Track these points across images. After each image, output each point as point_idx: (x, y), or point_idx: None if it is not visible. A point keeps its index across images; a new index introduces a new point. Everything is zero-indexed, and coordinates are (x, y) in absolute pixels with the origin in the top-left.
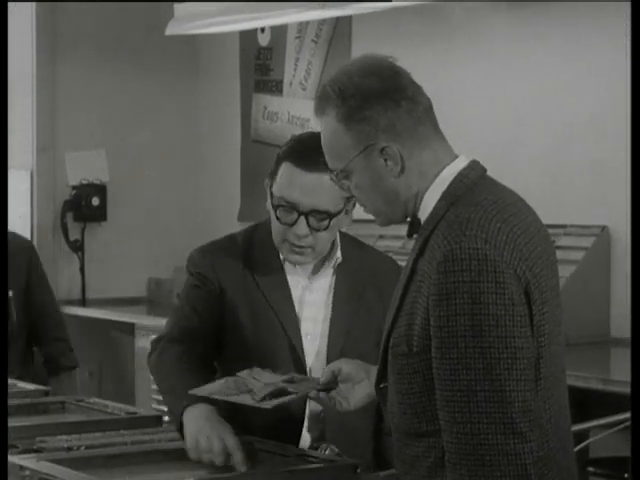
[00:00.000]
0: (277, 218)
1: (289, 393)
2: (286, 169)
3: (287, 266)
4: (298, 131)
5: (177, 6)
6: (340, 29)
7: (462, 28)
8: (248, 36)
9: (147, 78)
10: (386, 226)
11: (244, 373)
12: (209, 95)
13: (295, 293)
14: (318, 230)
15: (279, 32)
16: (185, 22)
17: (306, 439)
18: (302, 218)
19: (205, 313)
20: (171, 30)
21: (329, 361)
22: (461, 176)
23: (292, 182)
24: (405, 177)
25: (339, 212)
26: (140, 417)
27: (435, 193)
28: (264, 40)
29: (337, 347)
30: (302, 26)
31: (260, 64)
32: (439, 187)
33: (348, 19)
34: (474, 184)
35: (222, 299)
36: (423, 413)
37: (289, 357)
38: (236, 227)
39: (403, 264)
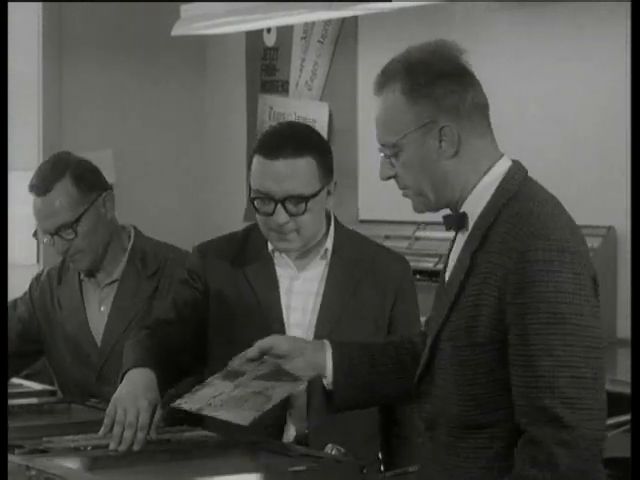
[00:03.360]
0: (256, 210)
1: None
2: (257, 161)
3: (276, 257)
4: None
5: (183, 7)
6: (346, 30)
7: (469, 28)
8: (254, 36)
9: (153, 79)
10: (421, 212)
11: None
12: (215, 96)
13: (283, 284)
14: (297, 215)
15: (285, 32)
16: (191, 23)
17: (290, 432)
18: (279, 206)
19: (186, 308)
20: (177, 31)
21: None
22: (512, 172)
23: (263, 172)
24: (456, 162)
25: (315, 194)
26: None
27: (488, 187)
28: (270, 40)
29: (323, 336)
30: (308, 27)
31: (266, 64)
32: (492, 182)
33: (354, 20)
34: (524, 182)
35: (206, 296)
36: (486, 404)
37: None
38: (242, 227)
39: (411, 264)
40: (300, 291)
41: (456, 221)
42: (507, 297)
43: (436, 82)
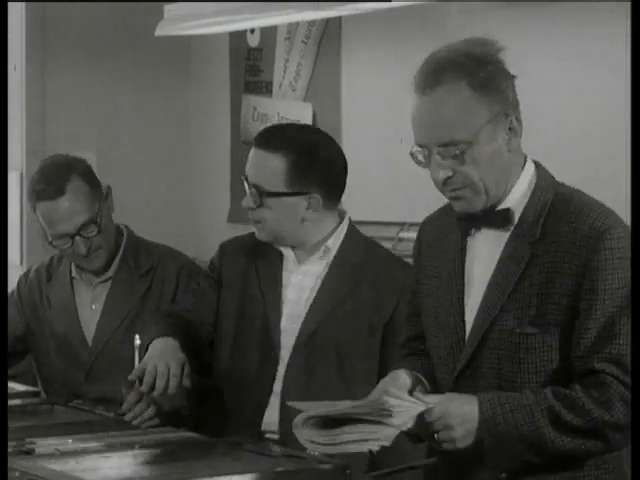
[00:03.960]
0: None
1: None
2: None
3: (283, 250)
4: None
5: (167, 7)
6: (330, 30)
7: (455, 29)
8: (238, 37)
9: (137, 79)
10: (470, 212)
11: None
12: (199, 96)
13: (285, 277)
14: (256, 205)
15: (269, 33)
16: (175, 23)
17: (271, 418)
18: (248, 191)
19: (202, 299)
20: (161, 31)
21: (297, 340)
22: (541, 169)
23: (249, 156)
24: (512, 156)
25: (276, 193)
26: None
27: (525, 182)
28: (254, 41)
29: (310, 328)
30: (292, 27)
31: (250, 65)
32: (527, 177)
33: (338, 20)
34: (551, 177)
35: (219, 287)
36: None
37: (265, 335)
38: (226, 228)
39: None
40: (296, 284)
41: (502, 218)
42: (585, 282)
43: (501, 74)
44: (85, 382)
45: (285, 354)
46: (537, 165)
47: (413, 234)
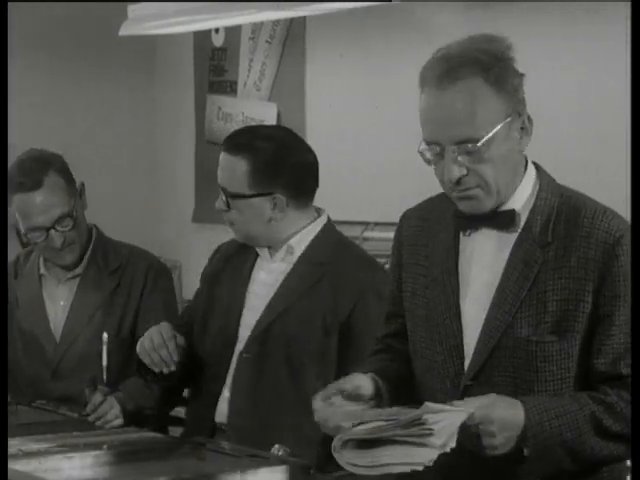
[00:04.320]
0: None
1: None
2: None
3: (257, 249)
4: None
5: (131, 7)
6: (294, 30)
7: (420, 28)
8: (202, 37)
9: (103, 79)
10: (482, 212)
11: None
12: (164, 96)
13: (254, 273)
14: (225, 208)
15: (233, 33)
16: (139, 23)
17: (223, 410)
18: (221, 192)
19: (193, 301)
20: (125, 31)
21: (253, 339)
22: (542, 170)
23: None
24: (520, 156)
25: (240, 195)
26: None
27: (528, 184)
28: (218, 41)
29: (264, 323)
30: (256, 27)
31: (214, 65)
32: (530, 178)
33: (302, 20)
34: (552, 178)
35: (203, 287)
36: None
37: (226, 327)
38: (190, 228)
39: None
40: (261, 281)
41: (507, 219)
42: (604, 289)
43: (513, 70)
44: (51, 380)
45: (240, 347)
46: (537, 166)
47: (378, 233)
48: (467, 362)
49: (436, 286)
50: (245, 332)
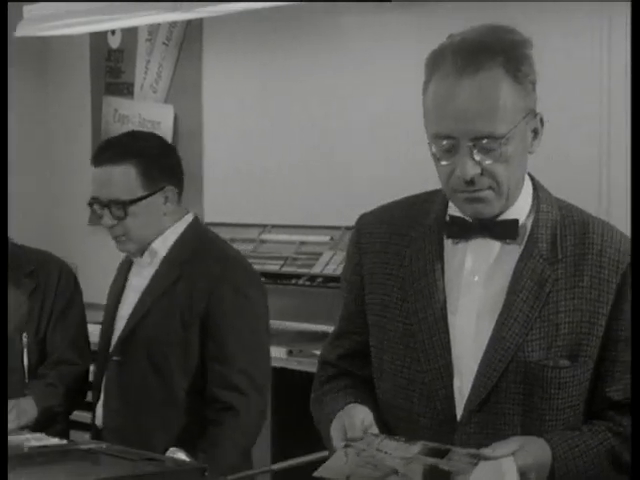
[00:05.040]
0: (95, 213)
1: (443, 471)
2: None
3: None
4: None
5: (26, 7)
6: (191, 32)
7: (321, 30)
8: (98, 38)
9: None
10: (486, 217)
11: (361, 444)
12: (60, 98)
13: (130, 278)
14: (120, 218)
15: (130, 34)
16: (35, 24)
17: (99, 414)
18: (105, 210)
19: None
20: (21, 32)
21: (121, 341)
22: (535, 180)
23: (93, 179)
24: (528, 158)
25: (136, 200)
26: None
27: (527, 193)
28: (115, 42)
29: (130, 324)
30: (153, 28)
31: (111, 66)
32: (528, 187)
33: (199, 22)
34: (545, 188)
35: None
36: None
37: (103, 334)
38: (87, 230)
39: (257, 267)
40: (132, 286)
41: (508, 229)
42: (618, 312)
43: (531, 67)
44: None
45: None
46: (531, 176)
47: (275, 235)
48: (456, 383)
49: (420, 299)
50: (116, 337)
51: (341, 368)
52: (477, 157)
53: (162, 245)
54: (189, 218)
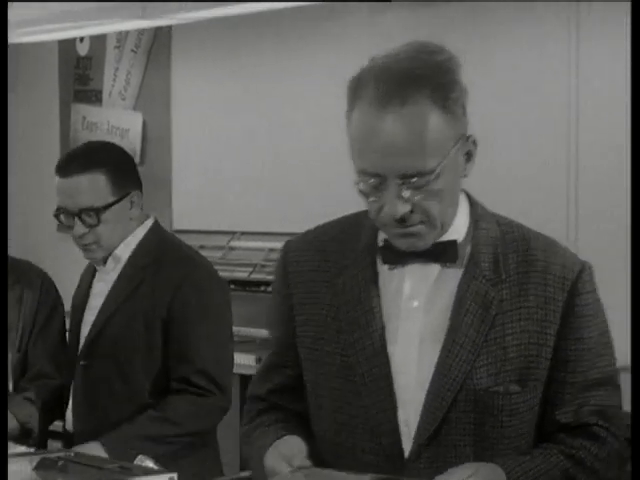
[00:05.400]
0: (62, 224)
1: None
2: (56, 180)
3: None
4: (117, 141)
5: None
6: (159, 39)
7: (290, 36)
8: (67, 45)
9: None
10: (421, 249)
11: (309, 471)
12: (27, 105)
13: (94, 284)
14: (92, 226)
15: (98, 41)
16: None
17: (69, 419)
18: (76, 219)
19: None
20: None
21: (87, 346)
22: (471, 196)
23: (59, 190)
24: (461, 182)
25: (109, 205)
26: None
27: (464, 211)
28: (83, 49)
29: (95, 329)
30: (121, 35)
31: (79, 74)
32: (464, 204)
33: (168, 29)
34: (481, 204)
35: None
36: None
37: (70, 340)
38: (55, 238)
39: (225, 274)
40: (97, 292)
41: (447, 251)
42: (566, 331)
43: (460, 88)
44: None
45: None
46: (465, 191)
47: (244, 243)
48: (401, 415)
49: (356, 329)
50: (82, 342)
51: (271, 402)
52: (406, 194)
53: (125, 250)
54: (149, 223)
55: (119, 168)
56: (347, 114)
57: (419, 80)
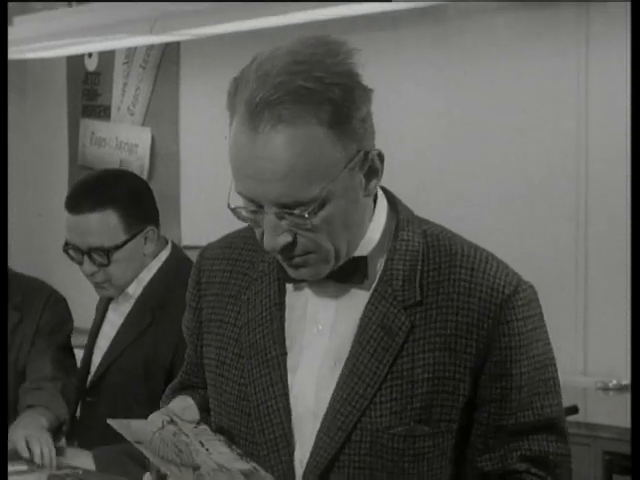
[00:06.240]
0: (71, 258)
1: None
2: (65, 215)
3: None
4: (126, 156)
5: None
6: (168, 55)
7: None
8: (75, 61)
9: None
10: (319, 278)
11: (188, 429)
12: (36, 121)
13: (108, 312)
14: (102, 266)
15: (107, 57)
16: (12, 46)
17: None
18: (85, 257)
19: None
20: None
21: (92, 383)
22: (397, 201)
23: (68, 226)
24: (368, 198)
25: (119, 246)
26: None
27: (380, 221)
28: (91, 65)
29: (100, 371)
30: (130, 51)
31: (88, 89)
32: (382, 214)
33: (176, 45)
34: (410, 211)
35: None
36: None
37: (80, 369)
38: (62, 255)
39: None
40: (110, 321)
41: (355, 269)
42: (488, 365)
43: (356, 95)
44: None
45: None
46: (389, 195)
47: None
48: (297, 455)
49: (255, 354)
50: (92, 373)
51: (184, 379)
52: (285, 225)
53: (137, 287)
54: (164, 255)
55: (133, 203)
56: (229, 119)
57: (299, 94)
